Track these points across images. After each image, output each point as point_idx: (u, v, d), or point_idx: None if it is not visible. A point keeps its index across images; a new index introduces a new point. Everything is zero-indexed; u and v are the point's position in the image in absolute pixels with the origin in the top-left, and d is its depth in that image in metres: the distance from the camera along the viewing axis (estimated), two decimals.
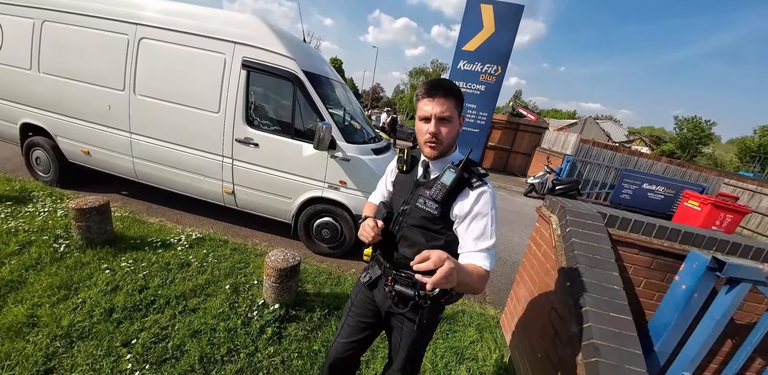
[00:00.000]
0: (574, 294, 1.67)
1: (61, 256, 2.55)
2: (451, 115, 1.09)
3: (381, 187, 1.48)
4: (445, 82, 1.12)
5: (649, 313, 1.99)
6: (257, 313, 2.23)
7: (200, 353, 1.86)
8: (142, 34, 3.31)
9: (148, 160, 3.63)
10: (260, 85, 3.36)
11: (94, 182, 4.26)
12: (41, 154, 4.04)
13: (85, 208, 2.62)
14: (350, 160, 3.18)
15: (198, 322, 2.08)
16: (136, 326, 1.99)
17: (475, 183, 1.12)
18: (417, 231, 1.20)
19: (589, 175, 9.88)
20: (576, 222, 1.96)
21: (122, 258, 2.64)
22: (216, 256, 2.93)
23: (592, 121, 40.17)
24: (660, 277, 2.00)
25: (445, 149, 1.16)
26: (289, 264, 2.23)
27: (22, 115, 3.89)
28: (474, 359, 2.23)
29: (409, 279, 1.18)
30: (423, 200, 1.17)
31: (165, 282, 2.44)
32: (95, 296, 2.17)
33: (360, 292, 1.41)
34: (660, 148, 36.78)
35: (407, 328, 1.28)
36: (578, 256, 1.79)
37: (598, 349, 1.40)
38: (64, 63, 3.59)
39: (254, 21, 3.19)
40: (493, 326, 2.64)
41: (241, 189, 3.48)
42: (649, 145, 39.19)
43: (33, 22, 3.59)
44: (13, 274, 2.27)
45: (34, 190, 3.68)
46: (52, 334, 1.85)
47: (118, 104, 3.49)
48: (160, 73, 3.36)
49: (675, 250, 1.94)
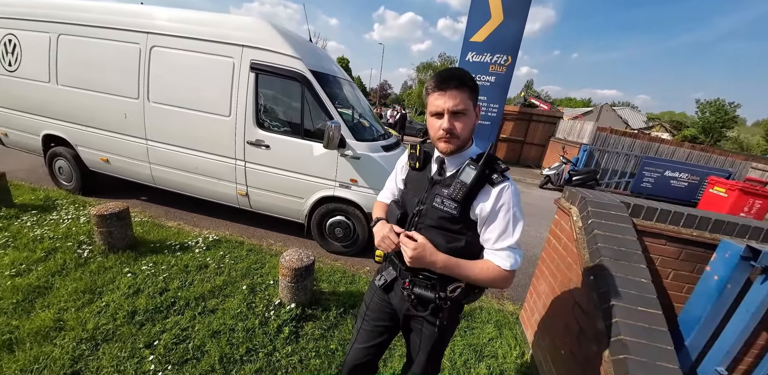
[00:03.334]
0: (598, 288, 1.60)
1: (85, 261, 2.63)
2: (466, 108, 1.01)
3: (391, 185, 1.40)
4: (457, 72, 1.02)
5: (679, 306, 1.90)
6: (274, 312, 2.25)
7: (220, 353, 1.89)
8: (153, 42, 3.37)
9: (164, 165, 3.71)
10: (269, 87, 3.38)
11: (114, 189, 4.40)
12: (63, 164, 4.18)
13: (106, 214, 2.69)
14: (360, 158, 3.16)
15: (217, 323, 2.11)
16: (158, 328, 2.03)
17: (496, 179, 1.06)
18: (435, 232, 1.13)
19: (607, 164, 9.56)
20: (598, 213, 1.88)
21: (143, 262, 2.70)
22: (233, 257, 2.97)
23: (608, 109, 38.87)
24: (689, 268, 1.90)
25: (461, 144, 1.08)
26: (303, 263, 2.24)
27: (44, 127, 4.03)
28: (494, 356, 2.18)
29: (428, 281, 1.15)
30: (440, 200, 1.10)
31: (184, 284, 2.48)
32: (118, 299, 2.23)
33: (375, 295, 1.36)
34: (681, 134, 35.37)
35: (427, 331, 1.24)
36: (602, 249, 1.71)
37: (626, 346, 1.33)
38: (81, 74, 3.69)
39: (260, 23, 3.19)
40: (513, 323, 2.58)
41: (255, 191, 3.51)
42: (670, 131, 37.73)
43: (49, 36, 3.70)
44: (40, 280, 2.35)
45: (58, 198, 3.82)
46: (78, 338, 1.90)
47: (134, 112, 3.57)
48: (172, 79, 3.42)
49: (705, 240, 1.84)
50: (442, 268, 1.07)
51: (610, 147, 9.60)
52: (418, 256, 1.04)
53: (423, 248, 1.05)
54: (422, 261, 1.05)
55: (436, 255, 1.06)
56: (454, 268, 1.07)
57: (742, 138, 35.70)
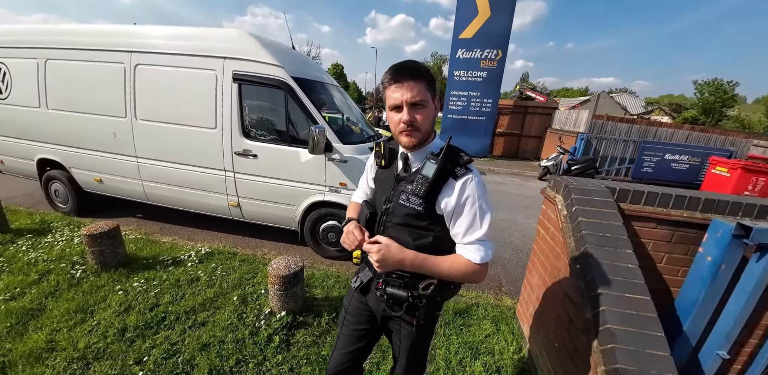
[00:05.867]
0: (585, 277, 1.55)
1: (78, 281, 2.64)
2: (424, 99, 0.99)
3: (363, 185, 1.39)
4: (411, 64, 1.01)
5: (675, 290, 1.84)
6: (264, 322, 2.23)
7: (209, 366, 1.86)
8: (136, 60, 3.40)
9: (155, 181, 3.73)
10: (253, 97, 3.38)
11: (109, 208, 4.42)
12: (59, 187, 4.22)
13: (96, 234, 2.70)
14: (348, 161, 3.15)
15: (207, 336, 2.10)
16: (148, 344, 2.02)
17: (458, 171, 1.03)
18: (403, 229, 1.11)
19: (606, 151, 9.45)
20: (582, 200, 1.84)
21: (135, 278, 2.70)
22: (225, 268, 2.96)
23: (605, 96, 38.62)
24: (683, 250, 1.84)
25: (423, 137, 1.05)
26: (291, 270, 2.21)
27: (38, 152, 4.08)
28: (490, 353, 2.13)
29: (401, 280, 1.13)
30: (405, 196, 1.08)
31: (175, 298, 2.47)
32: (109, 317, 2.22)
33: (353, 298, 1.34)
34: (682, 116, 34.88)
35: (405, 331, 1.21)
36: (586, 236, 1.67)
37: (614, 335, 1.29)
38: (69, 97, 3.73)
39: (239, 34, 3.21)
40: (510, 317, 2.53)
41: (246, 201, 3.51)
42: (670, 114, 37.26)
43: (37, 62, 3.75)
44: (33, 303, 2.35)
45: (53, 221, 3.85)
46: (69, 358, 1.90)
47: (122, 131, 3.60)
48: (158, 96, 3.44)
49: (696, 220, 1.78)
50: (411, 265, 1.04)
51: (607, 134, 9.49)
52: (383, 258, 1.01)
53: (387, 249, 1.02)
54: (390, 262, 1.02)
55: (404, 253, 1.03)
56: (423, 264, 1.04)
57: (744, 116, 35.13)
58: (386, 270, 1.05)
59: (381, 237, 1.06)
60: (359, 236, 1.09)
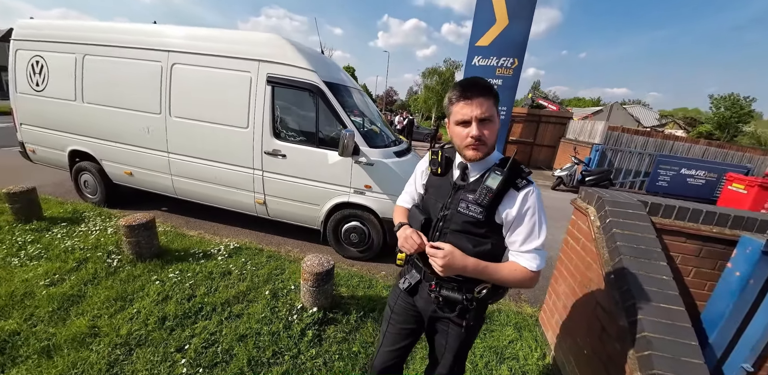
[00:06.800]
0: (620, 287, 1.61)
1: (115, 270, 2.74)
2: (492, 115, 1.04)
3: (410, 190, 1.42)
4: (480, 81, 1.05)
5: (701, 304, 1.89)
6: (297, 316, 2.31)
7: (248, 356, 1.95)
8: (173, 60, 3.53)
9: (185, 177, 3.84)
10: (284, 99, 3.49)
11: (136, 200, 4.56)
12: (89, 178, 4.37)
13: (134, 225, 2.81)
14: (374, 164, 3.23)
15: (243, 327, 2.18)
16: (188, 333, 2.11)
17: (520, 183, 1.09)
18: (461, 236, 1.15)
19: (621, 163, 9.43)
20: (616, 212, 1.90)
21: (169, 269, 2.80)
22: (254, 263, 3.06)
23: (618, 107, 38.26)
24: (710, 265, 1.89)
25: (489, 150, 1.10)
26: (324, 268, 2.30)
27: (70, 143, 4.23)
28: (515, 358, 2.19)
29: (454, 283, 1.18)
30: (465, 204, 1.12)
31: (210, 290, 2.57)
32: (148, 306, 2.32)
33: (399, 298, 1.37)
34: (696, 130, 34.43)
35: (453, 332, 1.26)
36: (621, 248, 1.73)
37: (651, 342, 1.34)
38: (105, 92, 3.88)
39: (275, 39, 3.32)
40: (532, 325, 2.58)
41: (272, 199, 3.60)
42: (684, 128, 36.82)
43: (75, 57, 3.91)
44: (73, 289, 2.46)
45: (85, 210, 3.98)
46: (112, 343, 1.99)
47: (156, 127, 3.73)
48: (192, 95, 3.57)
49: (725, 236, 1.83)
50: (473, 272, 1.09)
51: (622, 146, 9.48)
52: (448, 264, 1.05)
53: (452, 255, 1.06)
54: (453, 268, 1.07)
55: (466, 260, 1.08)
56: (484, 271, 1.09)
57: (760, 132, 34.58)
58: (449, 275, 1.10)
59: (443, 244, 1.11)
60: (418, 241, 1.15)
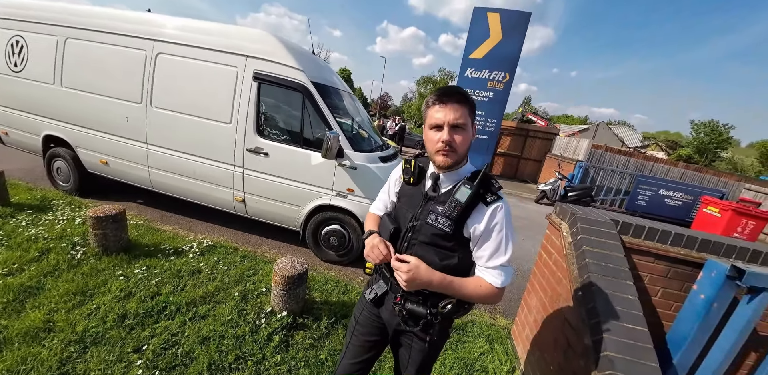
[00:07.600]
0: (586, 304, 1.62)
1: (78, 263, 2.62)
2: (465, 123, 1.03)
3: (384, 198, 1.39)
4: (459, 89, 1.07)
5: (667, 324, 1.92)
6: (265, 320, 2.24)
7: (209, 360, 1.87)
8: (159, 49, 3.45)
9: (163, 169, 3.73)
10: (270, 96, 3.44)
11: (111, 191, 4.40)
12: (62, 165, 4.19)
13: (102, 216, 2.70)
14: (357, 168, 3.21)
15: (207, 329, 2.10)
16: (148, 332, 2.02)
17: (489, 198, 1.07)
18: (429, 249, 1.14)
19: (602, 181, 9.68)
20: (587, 229, 1.92)
21: (136, 265, 2.69)
22: (226, 263, 2.97)
23: (604, 126, 39.46)
24: (678, 286, 1.93)
25: (459, 159, 1.09)
26: (296, 272, 2.24)
27: (45, 128, 4.06)
28: (484, 371, 2.17)
29: (420, 296, 1.15)
30: (435, 216, 1.10)
31: (176, 289, 2.48)
32: (109, 302, 2.22)
33: (365, 309, 1.34)
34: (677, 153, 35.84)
35: (417, 346, 1.24)
36: (590, 265, 1.74)
37: (612, 362, 1.35)
38: (86, 77, 3.75)
39: (265, 35, 3.28)
40: (504, 337, 2.58)
41: (252, 197, 3.53)
42: (665, 150, 38.26)
43: (56, 39, 3.77)
44: (32, 280, 2.34)
45: (54, 199, 3.82)
46: (66, 340, 1.89)
47: (136, 116, 3.62)
48: (176, 86, 3.48)
49: (693, 259, 1.88)
50: (438, 287, 1.08)
51: (605, 164, 9.74)
52: (413, 278, 1.04)
53: (417, 269, 1.05)
54: (418, 282, 1.06)
55: (432, 274, 1.07)
56: (449, 286, 1.08)
57: (737, 159, 36.21)
58: (413, 289, 1.09)
59: (408, 256, 1.10)
60: (384, 251, 1.13)
